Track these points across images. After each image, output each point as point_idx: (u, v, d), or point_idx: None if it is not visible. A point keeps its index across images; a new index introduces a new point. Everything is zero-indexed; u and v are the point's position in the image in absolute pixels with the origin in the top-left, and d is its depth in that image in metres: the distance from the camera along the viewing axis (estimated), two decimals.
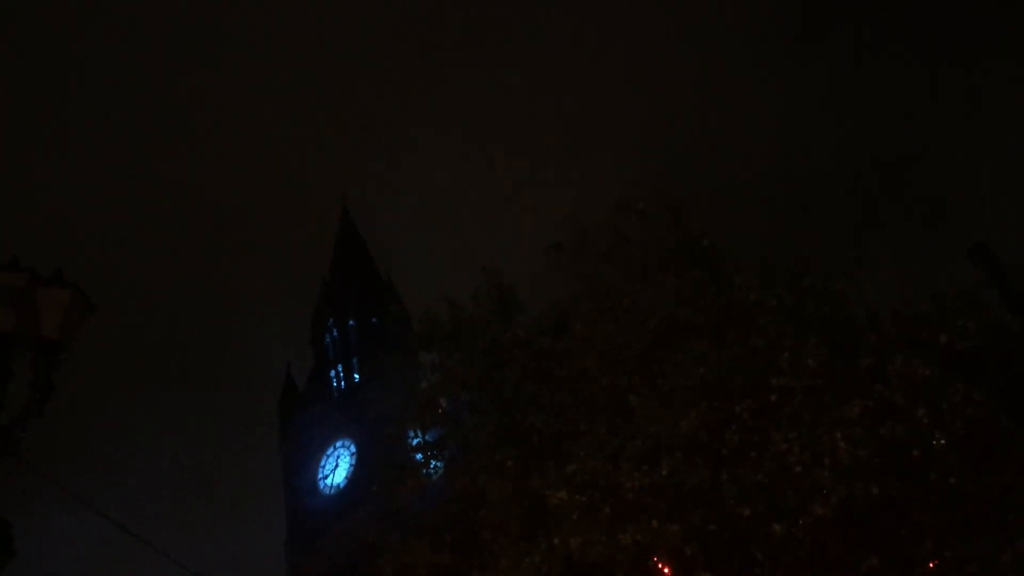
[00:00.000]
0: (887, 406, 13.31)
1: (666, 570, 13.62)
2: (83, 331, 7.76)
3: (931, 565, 13.17)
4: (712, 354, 13.87)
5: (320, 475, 51.47)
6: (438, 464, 18.25)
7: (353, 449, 49.76)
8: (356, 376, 52.91)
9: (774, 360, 13.67)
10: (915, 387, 13.31)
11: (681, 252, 15.51)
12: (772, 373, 13.65)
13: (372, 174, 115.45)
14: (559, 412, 15.51)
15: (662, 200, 16.05)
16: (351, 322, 54.93)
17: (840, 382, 13.67)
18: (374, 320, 53.62)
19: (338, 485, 50.20)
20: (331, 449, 51.53)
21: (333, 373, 54.31)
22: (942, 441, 13.21)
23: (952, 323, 14.23)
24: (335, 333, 55.61)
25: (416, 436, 18.24)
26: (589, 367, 15.19)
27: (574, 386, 15.44)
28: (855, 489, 12.62)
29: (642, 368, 14.62)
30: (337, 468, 50.84)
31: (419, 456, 18.34)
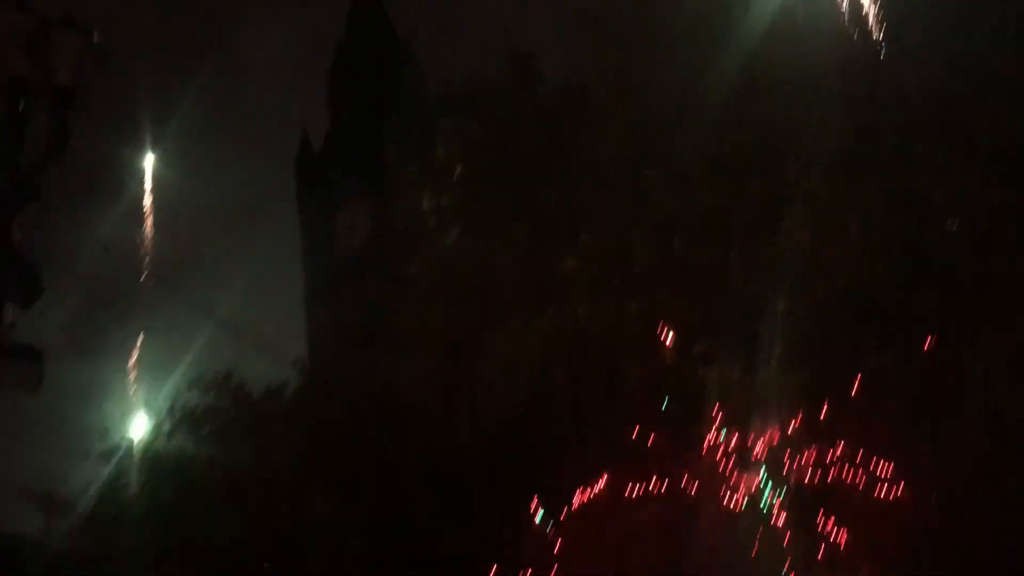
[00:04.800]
0: (905, 189, 13.19)
1: (670, 337, 14.01)
2: (98, 78, 7.59)
3: (926, 345, 13.43)
4: (731, 129, 13.64)
5: (335, 235, 52.40)
6: (452, 230, 18.38)
7: (367, 209, 50.28)
8: (371, 138, 52.59)
9: (794, 138, 13.46)
10: (936, 171, 13.10)
11: (708, 28, 14.87)
12: (791, 150, 13.48)
13: None
14: (574, 184, 15.43)
15: None
16: (366, 83, 53.93)
17: (860, 164, 13.47)
18: (391, 82, 52.63)
19: (352, 246, 51.21)
20: (346, 209, 52.14)
21: (348, 134, 53.97)
22: (954, 227, 13.18)
23: (983, 107, 13.70)
24: (351, 94, 54.78)
25: (432, 199, 18.26)
26: (607, 139, 14.99)
27: (590, 157, 15.29)
28: (861, 268, 12.74)
29: (659, 141, 14.43)
30: (352, 228, 51.66)
31: (433, 222, 18.43)
